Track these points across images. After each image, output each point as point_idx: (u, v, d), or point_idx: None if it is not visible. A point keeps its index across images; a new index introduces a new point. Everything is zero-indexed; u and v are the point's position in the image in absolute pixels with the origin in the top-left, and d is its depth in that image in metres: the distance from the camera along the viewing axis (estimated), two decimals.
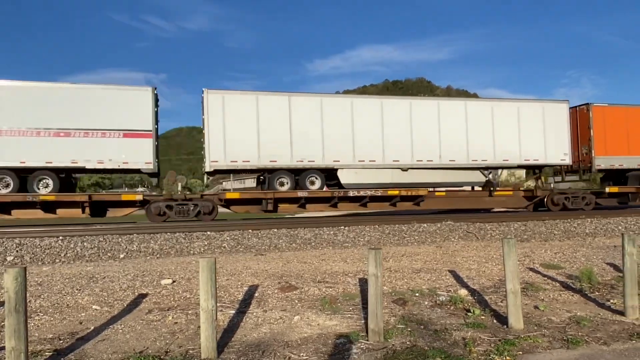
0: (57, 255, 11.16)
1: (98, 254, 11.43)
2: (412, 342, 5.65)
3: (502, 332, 6.02)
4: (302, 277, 8.63)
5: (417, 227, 14.74)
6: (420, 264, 9.86)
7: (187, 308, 6.89)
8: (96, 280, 8.37)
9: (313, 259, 10.41)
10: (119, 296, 7.47)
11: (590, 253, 11.10)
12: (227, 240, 12.78)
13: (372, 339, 5.67)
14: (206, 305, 5.17)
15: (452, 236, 13.97)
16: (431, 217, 17.78)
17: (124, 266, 9.78)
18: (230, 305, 7.05)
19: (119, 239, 12.48)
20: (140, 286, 7.99)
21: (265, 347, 5.52)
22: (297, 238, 13.17)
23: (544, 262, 10.15)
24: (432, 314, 6.82)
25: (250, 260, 10.41)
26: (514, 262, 6.26)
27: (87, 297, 7.40)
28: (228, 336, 5.88)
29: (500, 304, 7.15)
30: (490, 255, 10.68)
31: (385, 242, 13.18)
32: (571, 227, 15.35)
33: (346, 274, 8.85)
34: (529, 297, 7.67)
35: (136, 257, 11.35)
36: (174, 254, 11.67)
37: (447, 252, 11.24)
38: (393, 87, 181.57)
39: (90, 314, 6.72)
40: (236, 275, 8.76)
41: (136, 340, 5.74)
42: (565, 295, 7.84)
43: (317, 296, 7.51)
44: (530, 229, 14.97)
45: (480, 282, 8.50)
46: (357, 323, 6.34)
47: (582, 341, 5.71)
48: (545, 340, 5.77)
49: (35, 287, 7.88)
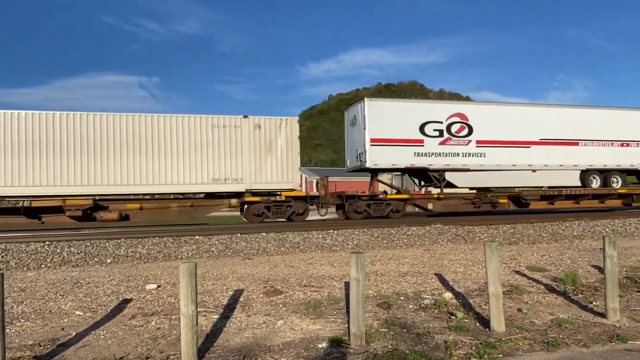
0: (43, 261, 11.08)
1: (85, 259, 11.36)
2: (394, 346, 5.67)
3: (484, 335, 6.05)
4: (288, 281, 8.63)
5: (406, 230, 14.78)
6: (407, 267, 9.89)
7: (171, 313, 6.86)
8: (81, 285, 8.33)
9: (300, 263, 10.41)
10: (103, 301, 7.43)
11: (576, 255, 11.18)
12: (215, 244, 12.75)
13: (353, 343, 5.68)
14: (186, 311, 5.16)
15: (441, 239, 14.02)
16: (420, 220, 17.84)
17: (110, 271, 9.73)
18: (214, 310, 7.04)
19: (107, 243, 12.42)
20: (125, 291, 7.95)
21: (247, 352, 5.51)
22: (286, 242, 13.17)
23: (530, 264, 10.21)
24: (416, 317, 6.84)
25: (238, 264, 10.39)
26: (495, 265, 6.30)
27: (70, 302, 7.36)
28: (210, 341, 5.87)
29: (484, 307, 7.18)
30: (477, 258, 10.72)
31: (374, 246, 13.20)
32: (559, 230, 15.46)
33: (332, 278, 8.86)
34: (513, 299, 7.72)
35: (123, 262, 11.30)
36: (161, 258, 11.63)
37: (435, 255, 11.28)
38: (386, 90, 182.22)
39: (73, 319, 6.68)
40: (222, 279, 8.74)
41: (117, 346, 5.71)
42: (549, 297, 7.90)
43: (302, 300, 7.50)
44: (518, 232, 15.05)
45: (465, 285, 8.54)
46: (340, 327, 6.34)
47: (562, 343, 5.75)
48: (526, 342, 5.80)
49: (18, 292, 7.82)
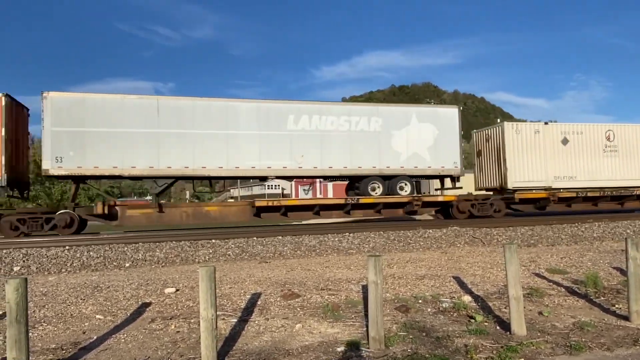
0: (63, 265, 11.24)
1: (104, 263, 11.50)
2: (414, 350, 5.63)
3: (505, 339, 5.98)
4: (305, 284, 8.63)
5: (422, 232, 14.69)
6: (425, 270, 9.82)
7: (190, 317, 6.91)
8: (101, 289, 8.43)
9: (317, 266, 10.41)
10: (123, 305, 7.51)
11: (597, 257, 11.00)
12: (232, 247, 12.81)
13: (373, 347, 5.65)
14: (206, 314, 5.19)
15: (458, 242, 13.90)
16: (437, 222, 17.72)
17: (129, 275, 9.83)
18: (233, 313, 7.07)
19: (125, 247, 12.55)
20: (144, 295, 8.03)
21: (266, 355, 5.52)
22: (302, 245, 13.17)
23: (550, 267, 10.08)
24: (435, 320, 6.79)
25: (254, 267, 10.43)
26: (515, 268, 6.23)
27: (91, 306, 7.45)
28: (229, 345, 5.89)
29: (504, 310, 7.10)
30: (496, 261, 10.61)
31: (390, 249, 13.14)
32: (578, 232, 15.23)
33: (349, 281, 8.84)
34: (533, 302, 7.62)
35: (141, 265, 11.41)
36: (179, 262, 11.72)
37: (452, 258, 11.19)
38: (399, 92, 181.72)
39: (94, 323, 6.76)
40: (239, 283, 8.78)
41: (138, 349, 5.76)
42: (570, 300, 7.78)
43: (319, 304, 7.50)
44: (537, 234, 14.86)
45: (484, 288, 8.45)
46: (358, 330, 6.32)
47: (585, 347, 5.65)
48: (548, 346, 5.72)
49: (40, 297, 7.94)
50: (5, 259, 11.40)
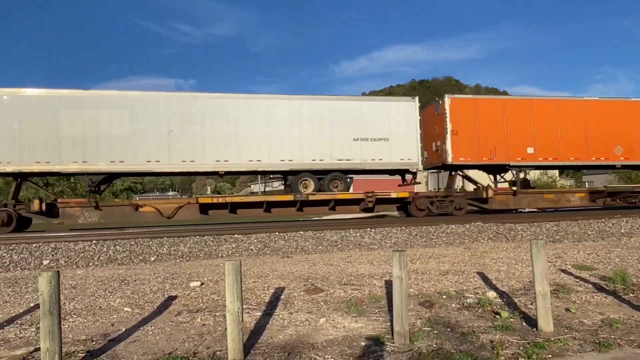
0: (90, 259, 11.49)
1: (130, 257, 11.71)
2: (439, 345, 5.61)
3: (532, 335, 5.91)
4: (328, 279, 8.66)
5: (445, 228, 14.58)
6: (448, 266, 9.76)
7: (215, 310, 7.00)
8: (128, 282, 8.59)
9: (339, 261, 10.43)
10: (150, 298, 7.65)
11: (625, 254, 10.77)
12: (254, 242, 12.91)
13: (397, 342, 5.65)
14: (232, 308, 5.26)
15: (481, 237, 13.76)
16: (460, 218, 17.55)
17: (155, 269, 10.00)
18: (257, 307, 7.14)
19: (150, 242, 12.77)
20: (170, 288, 8.16)
21: (291, 349, 5.56)
22: (324, 240, 13.21)
23: (577, 263, 9.90)
24: (460, 316, 6.74)
25: (277, 262, 10.50)
26: (542, 264, 6.14)
27: (118, 299, 7.61)
28: (254, 338, 5.96)
29: (530, 306, 7.02)
30: (521, 257, 10.48)
31: (412, 244, 13.08)
32: (606, 227, 14.92)
33: (372, 276, 8.83)
34: (560, 299, 7.50)
35: (166, 260, 11.59)
36: (202, 256, 11.87)
37: (476, 254, 11.08)
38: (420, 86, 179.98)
39: (122, 315, 6.90)
40: (263, 277, 8.85)
41: (165, 341, 5.87)
42: (597, 297, 7.64)
43: (342, 298, 7.52)
44: (562, 229, 14.61)
45: (509, 284, 8.36)
46: (382, 325, 6.32)
47: (614, 344, 5.55)
48: (576, 343, 5.64)
49: (69, 289, 8.14)
50: (34, 252, 11.70)
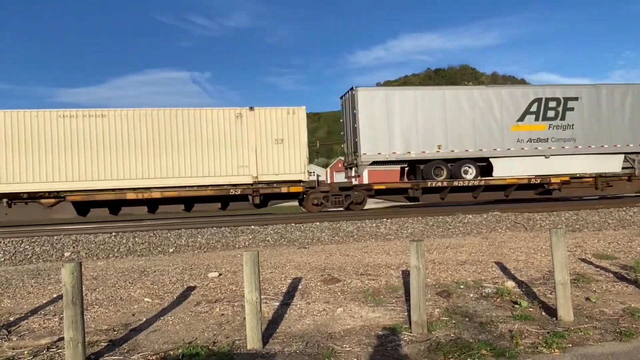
0: (110, 251, 11.68)
1: (149, 249, 11.88)
2: (457, 335, 5.59)
3: (551, 325, 5.86)
4: (345, 269, 8.67)
5: (462, 218, 14.48)
6: (465, 256, 9.70)
7: (234, 300, 7.07)
8: (147, 273, 8.72)
9: (355, 252, 10.44)
10: (169, 289, 7.75)
11: None
12: (270, 233, 12.99)
13: (415, 331, 5.65)
14: (250, 298, 5.30)
15: (499, 227, 13.64)
16: (477, 208, 17.42)
17: (173, 260, 10.13)
18: (275, 297, 7.19)
19: (168, 234, 12.92)
20: (189, 279, 8.26)
21: (308, 338, 5.60)
22: (340, 231, 13.22)
23: (597, 252, 9.77)
24: (478, 306, 6.71)
25: (294, 253, 10.55)
26: (562, 253, 6.07)
27: (139, 290, 7.73)
28: (273, 327, 6.01)
29: (550, 296, 6.95)
30: (539, 246, 10.37)
31: (429, 234, 13.03)
32: (626, 216, 14.67)
33: (389, 267, 8.83)
34: (580, 288, 7.41)
35: (184, 251, 11.73)
36: (220, 247, 11.98)
37: (494, 244, 10.99)
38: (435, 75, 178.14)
39: (142, 306, 7.01)
40: (280, 268, 8.91)
41: (185, 331, 5.95)
42: (618, 286, 7.53)
43: (359, 288, 7.53)
44: (582, 219, 14.41)
45: (528, 274, 8.28)
46: (400, 315, 6.32)
47: (636, 333, 5.47)
48: (597, 332, 5.57)
49: (91, 281, 8.29)
50: (56, 245, 11.94)
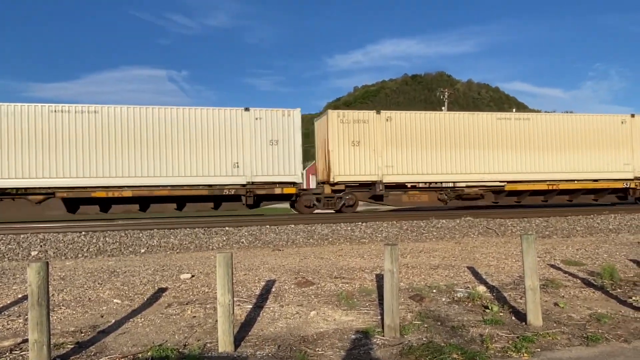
0: (79, 250, 11.40)
1: (120, 249, 11.64)
2: (429, 338, 5.63)
3: (521, 329, 5.96)
4: (319, 272, 8.66)
5: (435, 223, 14.64)
6: (438, 260, 9.80)
7: (206, 302, 6.98)
8: (117, 274, 8.54)
9: (330, 255, 10.44)
10: (140, 290, 7.60)
11: (613, 249, 10.89)
12: (245, 235, 12.88)
13: (388, 335, 5.67)
14: (223, 300, 5.24)
15: (472, 232, 13.84)
16: (450, 213, 17.65)
17: (145, 261, 9.95)
18: (248, 299, 7.12)
19: (140, 234, 12.69)
20: (160, 280, 8.12)
21: (281, 341, 5.56)
22: (315, 234, 13.21)
23: (565, 258, 10.00)
24: (450, 310, 6.78)
25: (268, 255, 10.49)
26: (532, 259, 6.18)
27: (108, 291, 7.56)
28: (245, 330, 5.94)
29: (520, 300, 7.07)
30: (510, 252, 10.56)
31: (403, 238, 13.13)
32: (594, 223, 15.07)
33: (363, 270, 8.85)
34: (549, 293, 7.57)
35: (156, 252, 11.54)
36: (193, 248, 11.83)
37: (466, 249, 11.15)
38: (412, 81, 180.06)
39: (111, 307, 6.86)
40: (254, 270, 8.84)
41: (155, 333, 5.84)
42: (586, 292, 7.72)
43: (333, 292, 7.53)
44: (552, 225, 14.74)
45: (499, 279, 8.42)
46: (373, 319, 6.34)
47: (602, 338, 5.61)
48: (565, 337, 5.69)
49: (58, 281, 8.07)
50: (22, 243, 11.59)
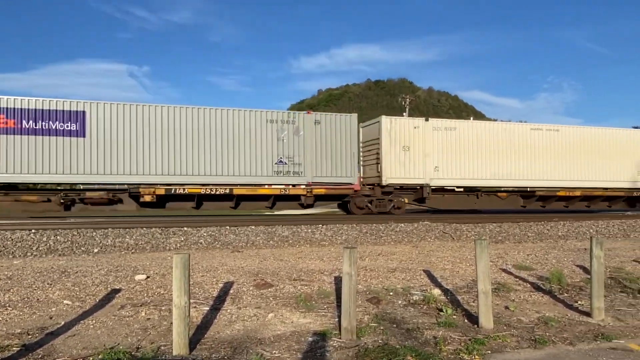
0: (29, 249, 10.95)
1: (71, 248, 11.25)
2: (384, 341, 5.72)
3: (473, 332, 6.13)
4: (278, 274, 8.64)
5: (394, 226, 14.87)
6: (396, 263, 9.96)
7: (161, 304, 6.84)
8: (68, 274, 8.25)
9: (290, 257, 10.43)
10: (92, 291, 7.37)
11: (561, 255, 11.35)
12: (204, 236, 12.70)
13: (344, 337, 5.72)
14: (179, 302, 5.15)
15: (429, 236, 14.13)
16: (409, 217, 17.97)
17: (98, 261, 9.65)
18: (205, 301, 7.03)
19: (94, 233, 12.31)
20: (114, 281, 7.90)
21: (237, 344, 5.51)
22: (275, 235, 13.17)
23: (517, 263, 10.35)
24: (405, 312, 6.90)
25: (227, 256, 10.38)
26: (485, 263, 6.38)
27: (58, 291, 7.29)
28: (201, 333, 5.86)
29: (472, 303, 7.28)
30: (465, 256, 10.84)
31: (362, 241, 13.26)
32: (544, 230, 15.68)
33: (322, 272, 8.89)
34: (500, 297, 7.82)
35: (111, 251, 11.21)
36: (149, 249, 11.56)
37: (423, 252, 11.37)
38: (375, 87, 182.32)
39: (61, 308, 6.62)
40: (212, 271, 8.72)
41: (107, 335, 5.68)
42: (535, 296, 8.02)
43: (292, 294, 7.53)
44: (505, 231, 15.24)
45: (453, 282, 8.63)
46: (330, 321, 6.38)
47: (549, 341, 5.85)
48: (514, 339, 5.89)
49: (4, 280, 7.72)
50: None
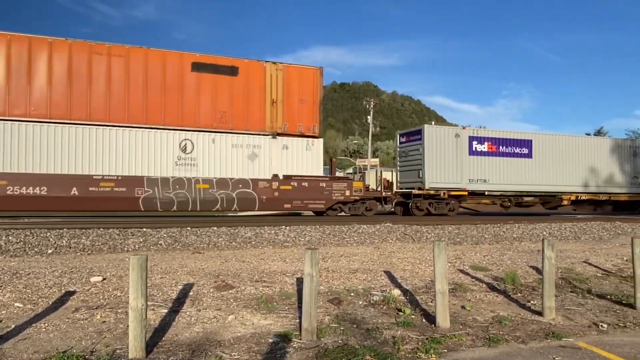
0: None
1: (24, 249, 10.83)
2: (344, 341, 5.78)
3: (430, 331, 6.28)
4: (240, 276, 8.59)
5: (357, 228, 15.01)
6: (358, 264, 10.06)
7: (117, 307, 6.68)
8: (20, 276, 7.95)
9: (252, 258, 10.38)
10: (44, 293, 7.13)
11: (515, 256, 11.74)
12: (164, 237, 12.47)
13: (305, 338, 5.75)
14: (135, 304, 5.05)
15: (390, 238, 14.33)
16: (371, 219, 18.18)
17: (52, 262, 9.34)
18: (163, 304, 6.91)
19: (48, 233, 11.89)
20: (68, 283, 7.66)
21: (196, 346, 5.46)
22: (237, 237, 13.07)
23: (474, 264, 10.64)
24: (366, 313, 6.99)
25: (187, 258, 10.23)
26: (443, 264, 6.54)
27: (9, 294, 7.01)
28: (159, 336, 5.77)
29: (430, 304, 7.44)
30: (424, 257, 11.06)
31: (325, 243, 13.32)
32: (500, 232, 16.16)
33: (284, 274, 8.89)
34: (457, 297, 8.03)
35: (65, 253, 10.85)
36: (106, 250, 11.26)
37: (384, 253, 11.53)
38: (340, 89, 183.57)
39: (12, 311, 6.37)
40: (171, 273, 8.58)
41: (60, 339, 5.51)
42: (490, 296, 8.27)
43: (253, 295, 7.50)
44: (463, 232, 15.62)
45: (413, 283, 8.80)
46: (291, 322, 6.39)
47: (502, 340, 6.05)
48: (469, 338, 6.07)
49: None
50: None
